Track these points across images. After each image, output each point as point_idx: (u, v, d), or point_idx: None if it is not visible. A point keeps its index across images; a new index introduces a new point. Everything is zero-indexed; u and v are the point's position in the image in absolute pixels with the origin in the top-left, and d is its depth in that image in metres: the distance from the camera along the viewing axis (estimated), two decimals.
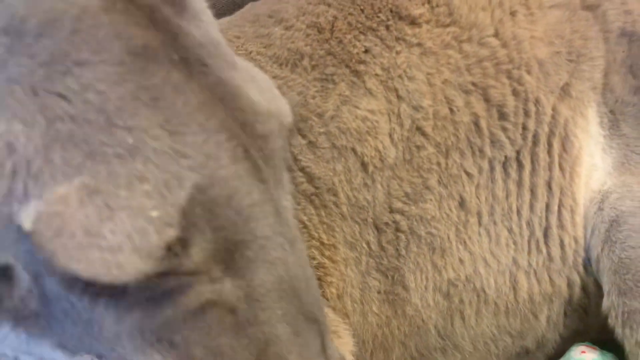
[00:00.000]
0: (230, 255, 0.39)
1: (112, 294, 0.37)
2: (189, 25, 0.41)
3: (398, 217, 0.53)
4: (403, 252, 0.54)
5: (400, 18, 0.54)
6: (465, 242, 0.53)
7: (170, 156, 0.36)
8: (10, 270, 0.39)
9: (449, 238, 0.53)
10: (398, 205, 0.53)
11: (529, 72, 0.52)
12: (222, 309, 0.39)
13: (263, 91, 0.43)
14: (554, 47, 0.53)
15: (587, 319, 0.59)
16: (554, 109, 0.52)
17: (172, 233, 0.35)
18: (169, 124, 0.37)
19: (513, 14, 0.54)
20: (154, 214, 0.35)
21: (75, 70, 0.36)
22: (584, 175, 0.53)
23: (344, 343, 0.50)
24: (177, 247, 0.36)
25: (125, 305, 0.38)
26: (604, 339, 0.60)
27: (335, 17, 0.55)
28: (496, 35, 0.53)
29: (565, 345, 0.62)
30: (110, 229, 0.34)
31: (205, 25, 0.42)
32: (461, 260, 0.53)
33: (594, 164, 0.54)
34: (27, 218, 0.35)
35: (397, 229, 0.53)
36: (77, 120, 0.36)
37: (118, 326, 0.39)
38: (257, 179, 0.40)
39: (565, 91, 0.53)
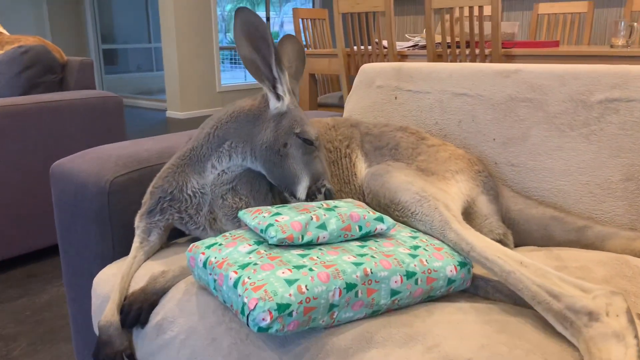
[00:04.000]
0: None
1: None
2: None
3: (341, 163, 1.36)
4: (343, 166, 1.35)
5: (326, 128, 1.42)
6: (335, 178, 1.33)
7: None
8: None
9: (334, 176, 1.33)
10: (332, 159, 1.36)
11: (337, 142, 1.37)
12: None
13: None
14: (344, 136, 1.38)
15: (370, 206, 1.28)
16: (345, 150, 1.36)
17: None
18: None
19: (331, 128, 1.39)
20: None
21: None
22: (358, 167, 1.34)
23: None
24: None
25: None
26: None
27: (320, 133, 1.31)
28: (328, 134, 1.38)
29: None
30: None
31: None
32: (334, 184, 1.31)
33: (362, 165, 1.35)
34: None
35: (338, 164, 1.35)
36: None
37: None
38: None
39: (348, 146, 1.37)
